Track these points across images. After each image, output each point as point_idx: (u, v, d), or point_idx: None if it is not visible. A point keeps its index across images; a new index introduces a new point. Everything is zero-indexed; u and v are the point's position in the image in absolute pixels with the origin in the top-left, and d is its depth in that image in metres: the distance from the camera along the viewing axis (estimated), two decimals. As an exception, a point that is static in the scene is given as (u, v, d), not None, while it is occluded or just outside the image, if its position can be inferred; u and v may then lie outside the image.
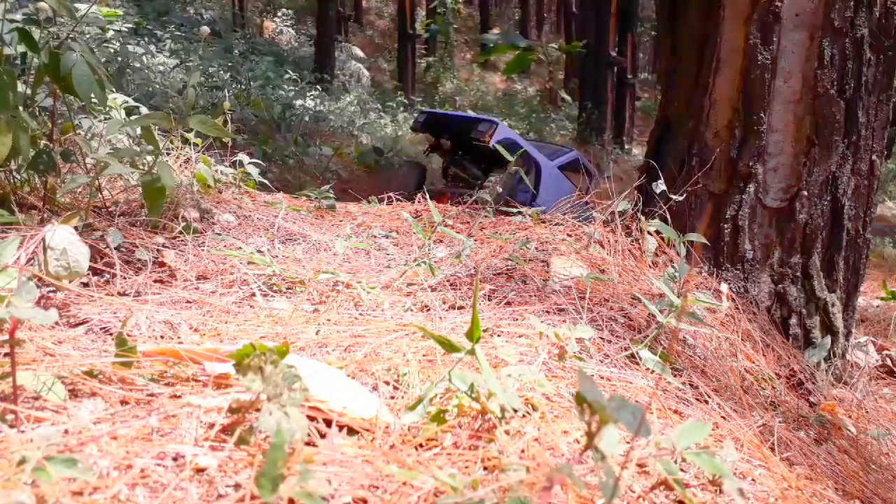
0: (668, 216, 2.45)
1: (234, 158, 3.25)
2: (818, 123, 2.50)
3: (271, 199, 3.14)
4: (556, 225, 2.72)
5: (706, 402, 1.57)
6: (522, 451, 1.00)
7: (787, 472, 1.31)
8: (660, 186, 2.44)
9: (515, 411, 1.09)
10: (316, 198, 3.28)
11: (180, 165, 2.72)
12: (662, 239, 2.40)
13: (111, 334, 1.35)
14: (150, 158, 2.02)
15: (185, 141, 2.86)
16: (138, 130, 2.36)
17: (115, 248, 1.80)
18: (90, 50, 1.80)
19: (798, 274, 2.54)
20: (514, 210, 3.07)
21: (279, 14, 18.01)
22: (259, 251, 2.21)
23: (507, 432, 1.04)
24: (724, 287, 2.32)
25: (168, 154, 2.60)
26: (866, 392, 2.50)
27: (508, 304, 1.89)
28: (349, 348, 1.40)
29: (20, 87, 1.83)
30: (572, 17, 18.77)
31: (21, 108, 1.78)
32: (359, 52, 18.28)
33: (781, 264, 2.54)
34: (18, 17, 1.86)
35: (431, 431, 1.01)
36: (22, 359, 1.06)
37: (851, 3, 2.47)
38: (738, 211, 2.53)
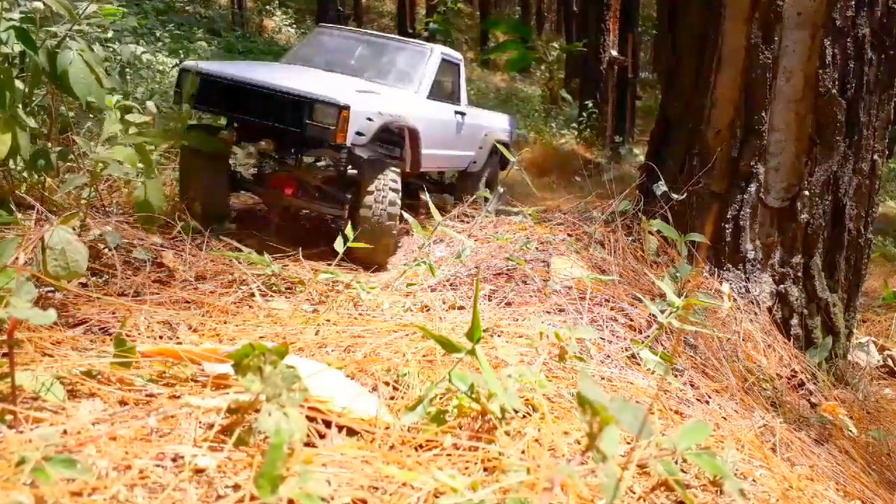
0: (670, 216, 2.45)
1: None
2: (820, 123, 2.49)
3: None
4: (556, 225, 2.72)
5: (707, 402, 1.57)
6: (523, 451, 1.00)
7: (788, 472, 1.31)
8: (661, 187, 2.43)
9: (516, 412, 1.09)
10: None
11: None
12: (664, 239, 2.39)
13: (110, 334, 1.35)
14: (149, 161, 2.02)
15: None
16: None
17: (114, 248, 1.80)
18: (89, 48, 1.79)
19: (799, 274, 2.54)
20: (515, 210, 3.07)
21: (279, 13, 17.99)
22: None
23: (507, 433, 1.03)
24: (725, 287, 2.31)
25: (168, 153, 2.59)
26: (868, 392, 2.49)
27: (508, 304, 1.89)
28: (349, 348, 1.39)
29: (18, 86, 1.83)
30: (572, 16, 18.76)
31: (19, 107, 1.77)
32: (359, 52, 18.23)
33: (783, 264, 2.53)
34: (16, 16, 1.85)
35: (431, 432, 1.01)
36: (21, 359, 1.06)
37: (853, 2, 2.46)
38: (740, 211, 2.52)
